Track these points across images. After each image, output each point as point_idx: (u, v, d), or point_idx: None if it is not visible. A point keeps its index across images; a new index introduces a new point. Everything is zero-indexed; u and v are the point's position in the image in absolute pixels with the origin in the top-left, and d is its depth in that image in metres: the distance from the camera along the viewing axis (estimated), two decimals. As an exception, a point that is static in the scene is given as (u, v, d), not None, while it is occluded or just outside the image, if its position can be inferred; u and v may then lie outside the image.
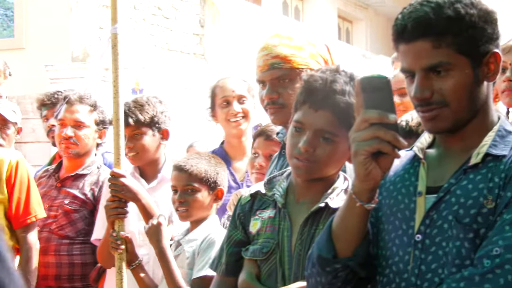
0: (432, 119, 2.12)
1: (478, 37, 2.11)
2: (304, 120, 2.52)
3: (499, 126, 2.17)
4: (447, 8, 2.07)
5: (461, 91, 2.10)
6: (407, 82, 2.17)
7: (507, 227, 1.97)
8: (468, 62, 2.10)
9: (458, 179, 2.11)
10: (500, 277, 1.92)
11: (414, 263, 2.11)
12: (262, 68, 3.04)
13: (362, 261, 2.14)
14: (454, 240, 2.05)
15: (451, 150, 2.21)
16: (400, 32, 2.13)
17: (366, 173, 1.99)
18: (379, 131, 1.94)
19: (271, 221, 2.59)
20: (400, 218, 2.19)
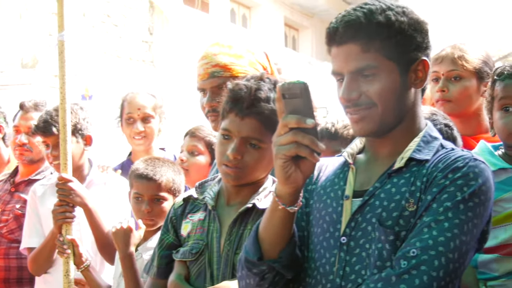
0: (360, 120, 2.14)
1: (406, 44, 2.14)
2: (231, 128, 2.54)
3: (425, 132, 2.21)
4: (378, 14, 2.11)
5: (387, 95, 2.12)
6: (337, 86, 2.19)
7: (425, 229, 1.99)
8: (395, 68, 2.13)
9: (383, 183, 2.14)
10: (415, 277, 1.94)
11: (339, 265, 2.13)
12: (203, 77, 3.07)
13: (288, 263, 2.14)
14: (377, 242, 2.07)
15: (379, 155, 2.23)
16: (332, 35, 2.15)
17: (286, 176, 1.99)
18: (297, 136, 1.94)
19: (201, 223, 2.61)
20: (328, 221, 2.20)
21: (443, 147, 2.19)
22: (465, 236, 1.99)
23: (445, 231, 1.98)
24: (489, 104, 2.72)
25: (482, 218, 2.05)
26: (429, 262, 1.95)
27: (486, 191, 2.05)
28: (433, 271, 1.94)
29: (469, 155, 2.11)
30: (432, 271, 1.94)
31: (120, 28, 12.04)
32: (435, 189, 2.05)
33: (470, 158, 2.09)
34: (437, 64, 3.54)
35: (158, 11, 12.73)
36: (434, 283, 1.93)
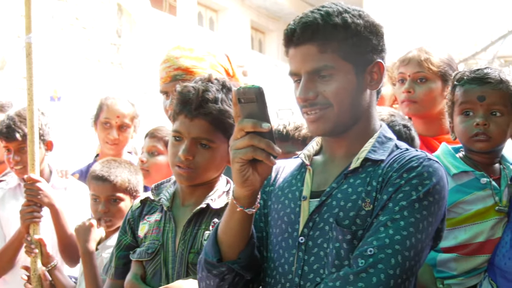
0: (316, 120, 2.15)
1: (362, 46, 2.15)
2: (182, 130, 2.56)
3: (380, 133, 2.23)
4: (335, 16, 2.12)
5: (343, 95, 2.13)
6: (294, 86, 2.20)
7: (381, 228, 2.01)
8: (352, 69, 2.14)
9: (339, 183, 2.15)
10: (373, 276, 1.95)
11: (298, 264, 2.14)
12: (165, 80, 3.09)
13: (247, 264, 2.15)
14: (334, 242, 2.08)
15: (335, 156, 2.25)
16: (290, 36, 2.16)
17: (243, 179, 2.00)
18: (253, 140, 1.95)
19: (157, 224, 2.63)
20: (286, 222, 2.21)
21: (397, 148, 2.21)
22: (420, 234, 2.01)
23: (401, 230, 2.00)
24: (450, 109, 2.75)
25: (436, 217, 2.07)
26: (386, 260, 1.96)
27: (440, 190, 2.08)
28: (390, 269, 1.95)
29: (423, 155, 2.13)
30: (389, 269, 1.95)
31: (88, 31, 11.97)
32: (390, 189, 2.07)
33: (424, 157, 2.11)
34: (404, 66, 3.57)
35: (126, 14, 12.69)
36: (391, 280, 1.95)
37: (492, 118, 2.58)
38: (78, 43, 11.67)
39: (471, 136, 2.54)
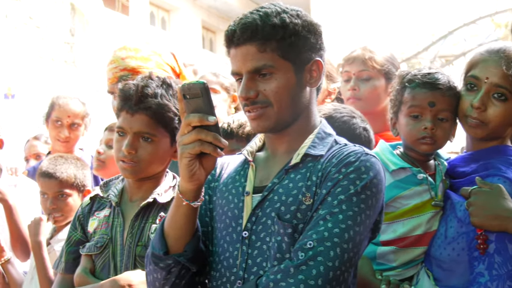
0: (257, 118, 2.16)
1: (301, 45, 2.17)
2: (124, 125, 2.58)
3: (319, 129, 2.24)
4: (273, 17, 2.13)
5: (283, 93, 2.14)
6: (236, 85, 2.21)
7: (321, 222, 2.02)
8: (291, 67, 2.15)
9: (281, 178, 2.17)
10: (312, 268, 1.96)
11: (242, 258, 2.15)
12: (112, 81, 3.09)
13: (193, 256, 2.15)
14: (276, 235, 2.10)
15: (277, 152, 2.26)
16: (230, 37, 2.17)
17: (191, 174, 2.00)
18: (200, 134, 1.95)
19: (106, 219, 2.64)
20: (230, 217, 2.22)
21: (337, 143, 2.23)
22: (358, 227, 2.03)
23: (340, 223, 2.01)
24: (395, 107, 2.74)
25: (374, 209, 2.09)
26: (325, 253, 1.98)
27: (377, 183, 2.10)
28: (329, 261, 1.97)
29: (360, 150, 2.15)
30: (328, 261, 1.97)
31: (42, 30, 11.82)
32: (329, 183, 2.08)
33: (362, 152, 2.13)
34: (349, 65, 3.60)
35: (79, 13, 12.56)
36: (330, 272, 1.96)
37: (439, 123, 2.60)
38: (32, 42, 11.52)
39: (418, 138, 2.57)
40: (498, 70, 2.50)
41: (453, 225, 2.49)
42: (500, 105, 2.50)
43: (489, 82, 2.50)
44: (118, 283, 2.45)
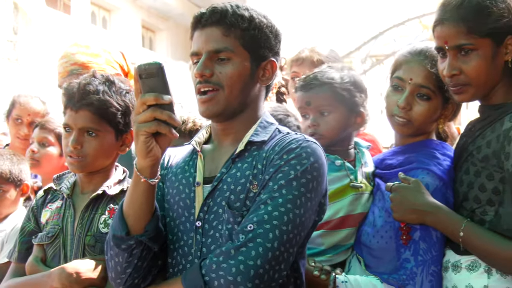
0: (207, 101, 2.18)
1: (261, 41, 2.21)
2: (69, 122, 2.59)
3: (262, 119, 2.28)
4: (243, 10, 2.20)
5: (236, 79, 2.17)
6: (192, 68, 2.24)
7: (262, 206, 2.05)
8: (248, 58, 2.19)
9: (228, 168, 2.19)
10: (252, 249, 1.99)
11: (196, 247, 2.17)
12: (63, 75, 3.10)
13: (154, 236, 2.15)
14: (226, 223, 2.12)
15: (223, 143, 2.28)
16: (198, 19, 2.20)
17: (147, 151, 2.00)
18: (155, 112, 1.96)
19: (58, 210, 2.64)
20: (183, 207, 2.23)
21: (280, 132, 2.25)
22: (298, 210, 2.05)
23: (279, 206, 2.04)
24: None
25: (316, 192, 2.11)
26: (264, 234, 2.00)
27: (319, 168, 2.12)
28: (268, 242, 1.99)
29: (302, 137, 2.18)
30: (267, 243, 1.99)
31: (-15, 28, 11.60)
32: (271, 169, 2.10)
33: (303, 139, 2.16)
34: (297, 65, 3.64)
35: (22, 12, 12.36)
36: (269, 253, 1.99)
37: (322, 117, 2.69)
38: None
39: (309, 135, 2.63)
40: (421, 71, 2.57)
41: (382, 215, 2.55)
42: (424, 104, 2.57)
43: (413, 83, 2.56)
44: (66, 271, 2.45)
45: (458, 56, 2.36)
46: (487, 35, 2.33)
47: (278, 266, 2.02)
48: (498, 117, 2.36)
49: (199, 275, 2.02)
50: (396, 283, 2.42)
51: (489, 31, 2.32)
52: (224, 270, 1.99)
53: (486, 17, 2.32)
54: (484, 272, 2.34)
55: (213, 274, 2.00)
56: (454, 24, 2.34)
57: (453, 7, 2.35)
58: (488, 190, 2.33)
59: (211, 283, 2.00)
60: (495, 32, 2.33)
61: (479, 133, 2.41)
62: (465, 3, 2.34)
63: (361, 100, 2.75)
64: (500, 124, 2.32)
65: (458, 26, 2.33)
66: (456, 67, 2.36)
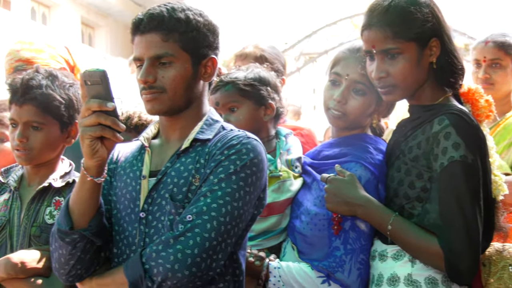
0: (152, 100, 2.22)
1: (200, 40, 2.24)
2: (14, 116, 2.61)
3: (207, 116, 2.32)
4: (179, 12, 2.21)
5: (179, 82, 2.21)
6: (137, 71, 2.26)
7: (201, 198, 2.11)
8: (189, 59, 2.22)
9: (173, 162, 2.23)
10: (190, 239, 2.04)
11: (140, 237, 2.20)
12: (8, 71, 3.11)
13: (97, 231, 2.18)
14: (169, 215, 2.16)
15: (170, 139, 2.32)
16: (137, 25, 2.22)
17: (93, 152, 2.05)
18: (100, 118, 2.01)
19: (5, 202, 2.66)
20: (129, 199, 2.26)
21: (224, 129, 2.30)
22: (236, 202, 2.11)
23: (218, 199, 2.09)
24: None
25: (255, 186, 2.17)
26: (202, 225, 2.05)
27: (258, 163, 2.18)
28: (205, 233, 2.05)
29: (243, 134, 2.23)
30: (204, 233, 2.05)
31: None
32: (212, 164, 2.16)
33: (244, 136, 2.22)
34: (241, 60, 3.67)
35: (-39, 8, 12.06)
36: (207, 242, 2.04)
37: (232, 114, 2.76)
38: None
39: None
40: (358, 67, 2.62)
41: (316, 203, 2.60)
42: (359, 98, 2.62)
43: (350, 79, 2.62)
44: (11, 261, 2.45)
45: (385, 59, 2.42)
46: (412, 39, 2.40)
47: (216, 255, 2.07)
48: (428, 119, 2.42)
49: (140, 263, 2.06)
50: (326, 270, 2.47)
51: (414, 35, 2.39)
52: (163, 258, 2.03)
53: (411, 22, 2.39)
54: (408, 261, 2.41)
55: (153, 262, 2.04)
56: (381, 29, 2.40)
57: (380, 12, 2.41)
58: (417, 188, 2.40)
59: (150, 271, 2.04)
60: (420, 36, 2.40)
61: (411, 134, 2.47)
62: (391, 9, 2.40)
63: (267, 93, 2.80)
64: (430, 127, 2.39)
65: (384, 31, 2.39)
66: (384, 70, 2.43)
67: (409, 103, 2.57)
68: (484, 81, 3.64)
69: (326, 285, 2.48)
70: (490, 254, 2.60)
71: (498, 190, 2.59)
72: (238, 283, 2.26)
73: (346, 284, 2.45)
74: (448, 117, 2.35)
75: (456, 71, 2.51)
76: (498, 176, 2.62)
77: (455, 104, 2.48)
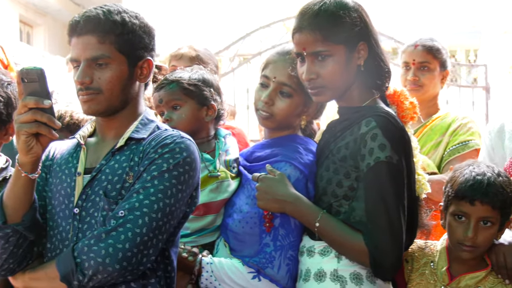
0: (88, 101, 2.21)
1: (136, 42, 2.23)
2: None
3: (143, 116, 2.31)
4: (115, 14, 2.19)
5: (115, 83, 2.20)
6: (74, 71, 2.23)
7: (134, 194, 2.11)
8: (125, 61, 2.22)
9: (108, 160, 2.22)
10: (121, 234, 2.05)
11: (73, 232, 2.19)
12: None
13: (30, 226, 2.16)
14: (102, 211, 2.15)
15: (106, 137, 2.31)
16: (74, 27, 2.20)
17: (28, 148, 2.03)
18: (36, 115, 1.99)
19: None
20: (64, 195, 2.25)
21: (158, 128, 2.29)
22: (169, 199, 2.11)
23: (150, 195, 2.09)
24: None
25: (187, 185, 2.17)
26: (134, 220, 2.06)
27: (191, 162, 2.19)
28: (137, 228, 2.05)
29: (177, 134, 2.23)
30: (136, 228, 2.05)
31: None
32: (146, 162, 2.15)
33: (178, 136, 2.22)
34: (176, 60, 3.68)
35: None
36: (138, 238, 2.04)
37: (174, 112, 2.76)
38: None
39: None
40: (285, 70, 2.63)
41: (248, 202, 2.61)
42: (286, 100, 2.64)
43: (277, 81, 2.63)
44: None
45: (315, 61, 2.43)
46: (341, 42, 2.42)
47: (146, 250, 2.07)
48: (356, 121, 2.44)
49: (71, 257, 2.05)
50: (256, 266, 2.49)
51: (343, 39, 2.41)
52: (95, 252, 2.02)
53: (341, 26, 2.41)
54: (334, 257, 2.44)
55: (84, 256, 2.03)
56: (312, 32, 2.41)
57: (310, 16, 2.42)
58: (344, 187, 2.42)
59: (82, 265, 2.03)
60: (348, 39, 2.42)
61: (340, 134, 2.49)
62: (321, 12, 2.41)
63: (210, 94, 2.82)
64: (357, 128, 2.41)
65: (315, 34, 2.40)
66: (314, 72, 2.44)
67: (338, 104, 2.59)
68: (413, 83, 3.70)
69: (256, 280, 2.50)
70: (413, 250, 2.66)
71: (421, 189, 2.65)
72: (169, 279, 2.27)
73: (276, 279, 2.47)
74: (375, 119, 2.38)
75: (382, 74, 2.54)
76: (422, 175, 2.67)
77: (382, 106, 2.52)
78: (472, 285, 2.50)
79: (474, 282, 2.51)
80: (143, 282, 2.17)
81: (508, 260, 2.49)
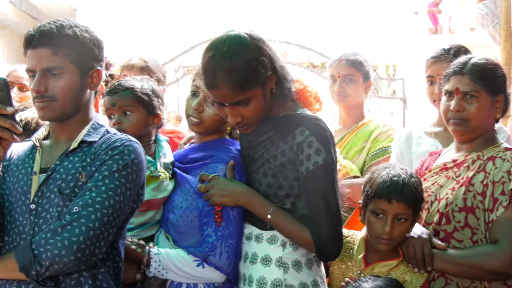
0: (44, 108, 2.22)
1: (87, 54, 2.25)
2: None
3: (94, 121, 2.33)
4: (67, 29, 2.20)
5: (68, 91, 2.21)
6: (30, 81, 2.24)
7: (87, 192, 2.12)
8: (77, 71, 2.23)
9: (62, 160, 2.23)
10: (76, 228, 2.06)
11: (30, 226, 2.19)
12: None
13: None
14: (57, 207, 2.16)
15: (60, 140, 2.32)
16: (29, 40, 2.20)
17: None
18: None
19: None
20: (20, 192, 2.25)
21: (108, 132, 2.32)
22: (118, 197, 2.14)
23: (102, 193, 2.12)
24: None
25: (135, 183, 2.20)
26: (87, 216, 2.08)
27: (138, 163, 2.22)
28: (90, 222, 2.07)
29: (125, 137, 2.26)
30: (89, 223, 2.07)
31: None
32: (98, 162, 2.17)
33: (126, 139, 2.25)
34: (128, 70, 3.66)
35: None
36: (91, 231, 2.06)
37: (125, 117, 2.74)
38: None
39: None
40: None
41: (188, 198, 2.62)
42: (213, 108, 2.56)
43: (205, 90, 2.55)
44: None
45: (238, 107, 2.37)
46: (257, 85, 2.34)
47: (99, 243, 2.09)
48: (289, 130, 2.43)
49: (30, 249, 2.05)
50: (200, 255, 2.52)
51: (258, 82, 2.33)
52: (51, 245, 2.03)
53: (255, 75, 2.32)
54: (280, 246, 2.50)
55: (42, 248, 2.04)
56: (229, 88, 2.30)
57: (223, 72, 2.29)
58: (285, 188, 2.47)
59: (39, 256, 2.04)
60: (263, 81, 2.35)
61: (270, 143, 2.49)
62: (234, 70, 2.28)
63: (158, 104, 2.83)
64: (292, 137, 2.42)
65: (233, 88, 2.30)
66: (239, 115, 2.39)
67: None
68: (339, 94, 3.74)
69: (201, 268, 2.52)
70: None
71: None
72: (117, 269, 2.30)
73: (219, 265, 2.51)
74: (308, 128, 2.41)
75: (289, 84, 2.50)
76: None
77: (307, 113, 2.52)
78: (385, 272, 2.57)
79: (386, 270, 2.57)
80: (94, 271, 2.19)
81: (417, 251, 2.57)
